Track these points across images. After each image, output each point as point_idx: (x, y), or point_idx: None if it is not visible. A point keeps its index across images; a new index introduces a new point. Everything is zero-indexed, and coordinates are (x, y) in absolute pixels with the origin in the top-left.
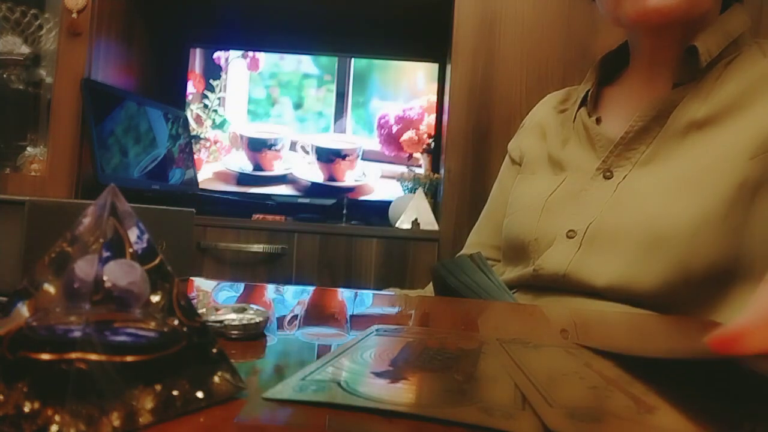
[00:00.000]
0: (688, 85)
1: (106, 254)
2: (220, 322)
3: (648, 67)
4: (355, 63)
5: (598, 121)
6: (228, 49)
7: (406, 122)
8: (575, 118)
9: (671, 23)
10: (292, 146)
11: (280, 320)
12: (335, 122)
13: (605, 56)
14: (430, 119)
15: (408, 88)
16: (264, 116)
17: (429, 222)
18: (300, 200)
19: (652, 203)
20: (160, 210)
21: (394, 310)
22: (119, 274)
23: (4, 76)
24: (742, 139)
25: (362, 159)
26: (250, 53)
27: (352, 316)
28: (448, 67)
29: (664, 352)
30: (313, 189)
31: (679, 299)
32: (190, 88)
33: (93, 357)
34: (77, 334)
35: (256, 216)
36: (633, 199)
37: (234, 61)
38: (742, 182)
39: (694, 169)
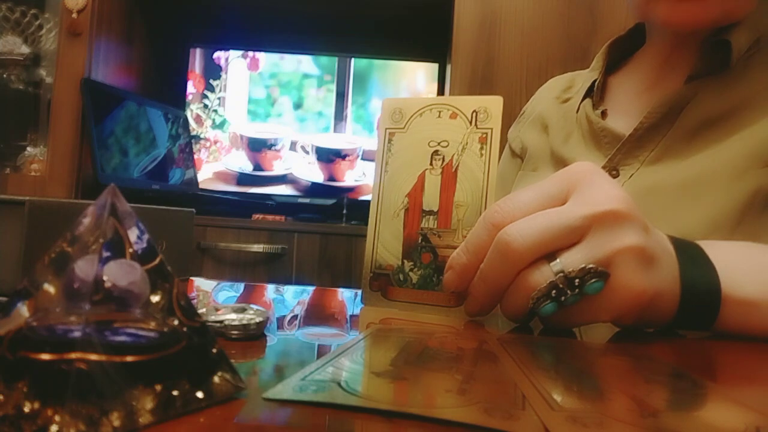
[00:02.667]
0: (702, 80)
1: (106, 254)
2: (220, 322)
3: (665, 56)
4: (355, 63)
5: (604, 114)
6: (228, 49)
7: None
8: (578, 109)
9: (705, 29)
10: (292, 146)
11: (280, 320)
12: (335, 122)
13: (615, 41)
14: None
15: (408, 88)
16: (264, 116)
17: None
18: (300, 200)
19: (660, 207)
20: (160, 210)
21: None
22: (119, 274)
23: (4, 76)
24: (756, 145)
25: (362, 159)
26: (250, 53)
27: (352, 316)
28: (448, 67)
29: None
30: (313, 189)
31: None
32: (190, 88)
33: (93, 357)
34: (77, 334)
35: (256, 216)
36: (639, 201)
37: (234, 61)
38: (756, 190)
39: (704, 173)
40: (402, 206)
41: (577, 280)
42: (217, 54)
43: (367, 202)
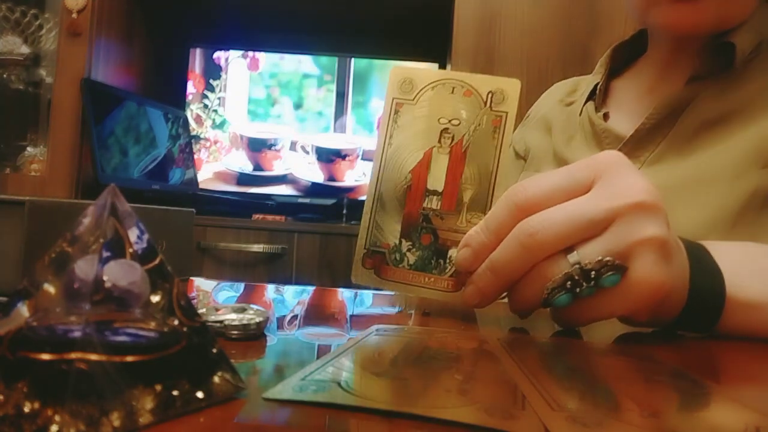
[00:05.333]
0: (703, 82)
1: (106, 254)
2: (220, 322)
3: (666, 59)
4: (355, 63)
5: (606, 116)
6: (228, 49)
7: None
8: (581, 112)
9: (702, 34)
10: (292, 146)
11: (280, 320)
12: (335, 122)
13: (618, 46)
14: None
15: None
16: (264, 116)
17: None
18: (300, 200)
19: None
20: (160, 210)
21: (394, 310)
22: (119, 274)
23: (4, 76)
24: (755, 145)
25: (362, 159)
26: (250, 53)
27: (352, 316)
28: (448, 67)
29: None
30: (313, 189)
31: None
32: (190, 88)
33: (93, 357)
34: (77, 334)
35: (256, 216)
36: None
37: (234, 61)
38: (753, 191)
39: (704, 173)
40: (405, 183)
41: (593, 273)
42: (217, 54)
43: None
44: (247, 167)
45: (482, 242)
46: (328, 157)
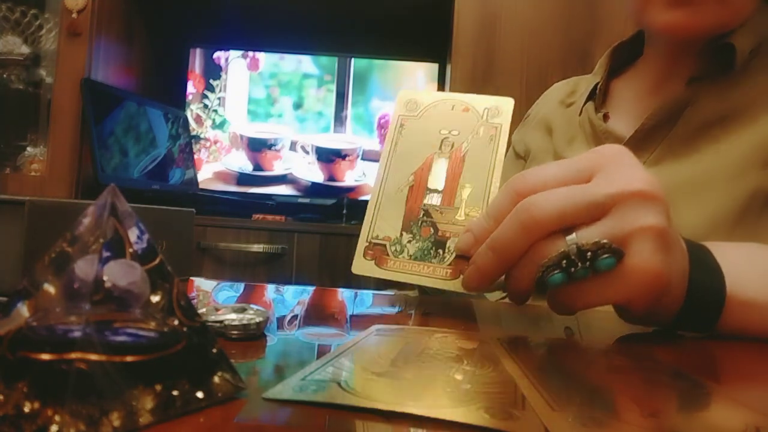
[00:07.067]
0: (703, 83)
1: (106, 254)
2: (220, 322)
3: (665, 60)
4: (355, 63)
5: (606, 117)
6: (228, 49)
7: None
8: (581, 112)
9: (700, 37)
10: (292, 146)
11: (280, 320)
12: (335, 122)
13: (617, 46)
14: None
15: (408, 88)
16: (264, 116)
17: None
18: (300, 200)
19: None
20: (160, 210)
21: (394, 310)
22: (119, 274)
23: (4, 76)
24: (756, 146)
25: (362, 159)
26: (250, 53)
27: (352, 316)
28: (448, 67)
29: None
30: (313, 189)
31: None
32: (190, 88)
33: (93, 357)
34: (77, 334)
35: (256, 216)
36: None
37: (234, 61)
38: (755, 190)
39: (704, 173)
40: (407, 183)
41: (589, 254)
42: (217, 54)
43: (367, 202)
44: (247, 167)
45: (483, 227)
46: (328, 157)
